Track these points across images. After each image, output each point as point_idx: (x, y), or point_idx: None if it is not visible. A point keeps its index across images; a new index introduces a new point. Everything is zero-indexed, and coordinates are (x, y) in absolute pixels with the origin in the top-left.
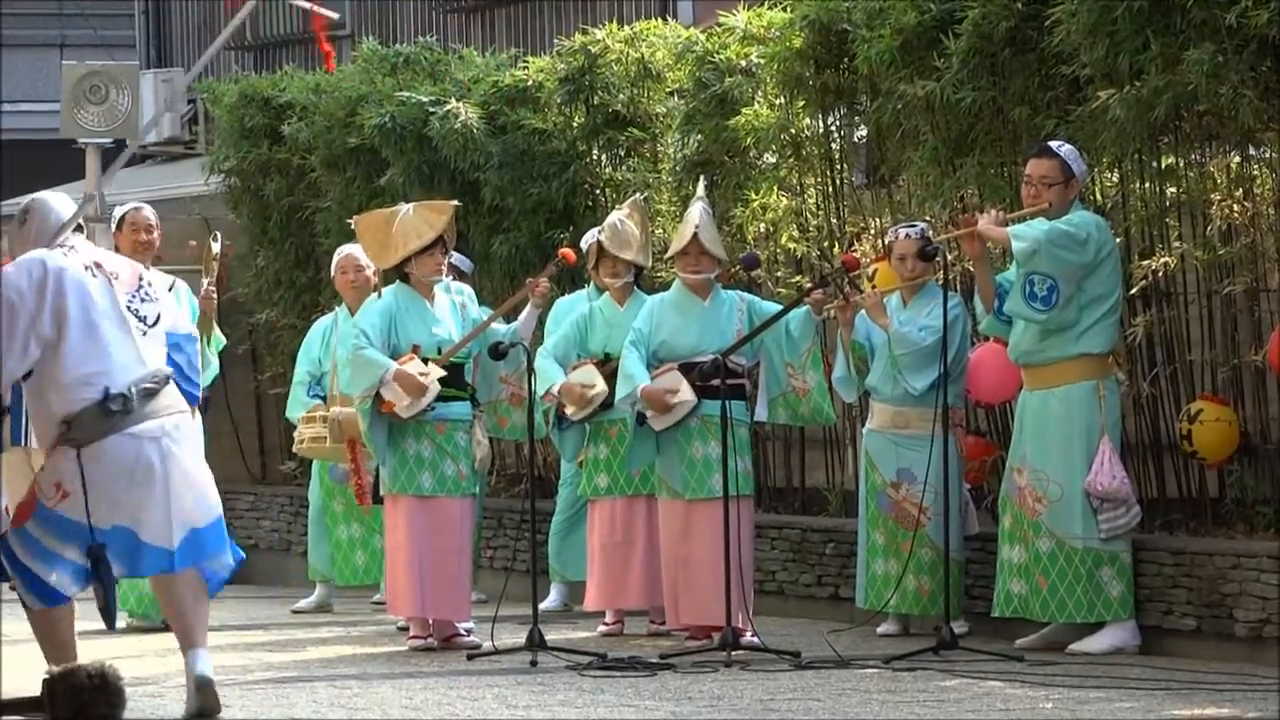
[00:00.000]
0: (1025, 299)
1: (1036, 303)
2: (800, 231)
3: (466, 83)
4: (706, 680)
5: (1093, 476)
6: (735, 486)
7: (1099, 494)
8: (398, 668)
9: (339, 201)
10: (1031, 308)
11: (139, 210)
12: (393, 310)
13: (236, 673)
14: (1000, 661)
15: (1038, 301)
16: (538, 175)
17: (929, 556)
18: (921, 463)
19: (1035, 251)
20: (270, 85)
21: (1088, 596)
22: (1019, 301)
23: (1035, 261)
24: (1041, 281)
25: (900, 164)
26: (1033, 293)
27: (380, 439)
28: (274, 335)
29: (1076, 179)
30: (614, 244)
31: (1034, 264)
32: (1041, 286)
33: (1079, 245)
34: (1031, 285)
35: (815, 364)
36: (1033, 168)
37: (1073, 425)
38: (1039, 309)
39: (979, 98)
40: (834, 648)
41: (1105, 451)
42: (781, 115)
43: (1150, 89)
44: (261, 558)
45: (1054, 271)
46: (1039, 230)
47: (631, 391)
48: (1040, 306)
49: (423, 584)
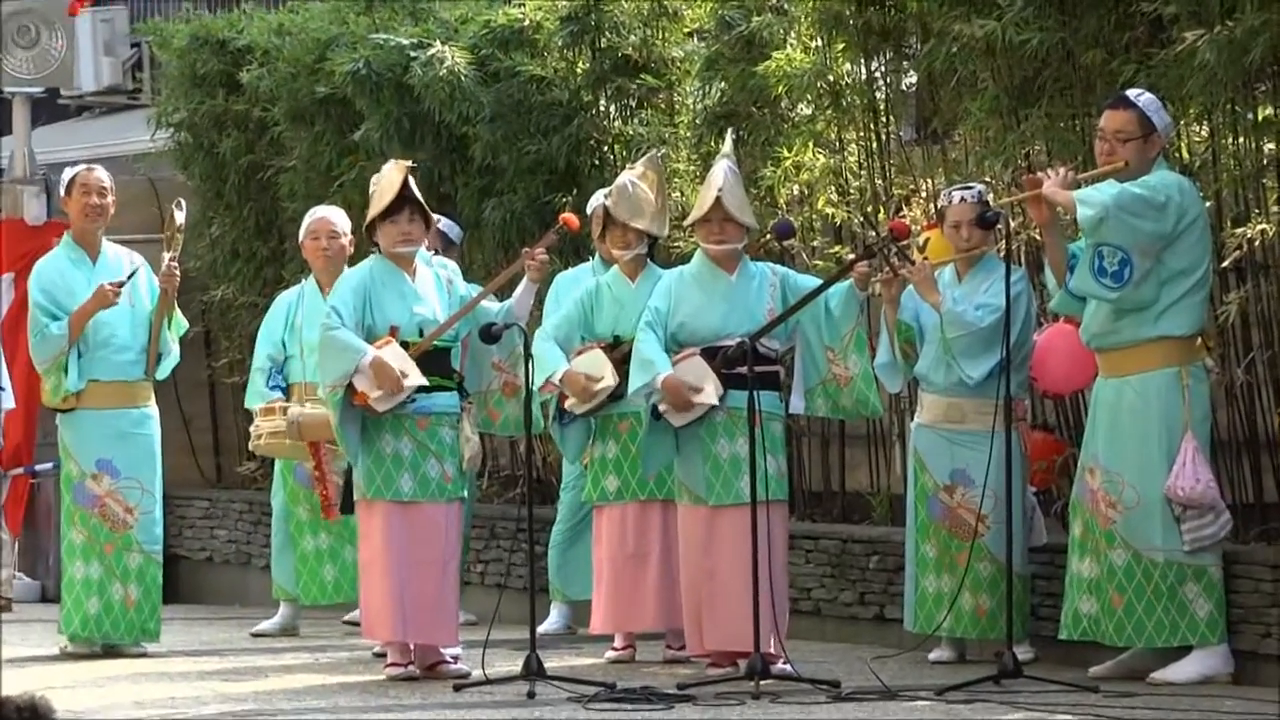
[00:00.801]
0: (1094, 274)
1: (1106, 278)
2: (840, 194)
3: (453, 23)
4: (731, 714)
5: (1173, 479)
6: (766, 490)
7: (1181, 500)
8: (373, 700)
9: (305, 160)
10: (1101, 284)
11: (91, 171)
12: (368, 285)
13: (188, 705)
14: (1071, 693)
15: (1108, 277)
16: (535, 130)
17: (988, 571)
18: (979, 463)
19: (1103, 219)
20: (226, 26)
21: (1170, 617)
22: (1087, 277)
23: (1103, 231)
24: (1112, 254)
25: (955, 116)
26: (1102, 267)
27: (353, 436)
28: (230, 315)
29: (1158, 133)
30: (624, 210)
31: (1102, 234)
32: (1112, 260)
33: (1156, 211)
34: (1100, 258)
35: (859, 347)
36: (1107, 120)
37: (1150, 419)
38: (1109, 285)
39: (1046, 39)
40: (879, 677)
41: (1189, 450)
42: (818, 60)
43: (1245, 29)
44: (217, 573)
45: (1125, 242)
46: (1108, 194)
47: (650, 381)
48: (1111, 283)
49: (402, 603)
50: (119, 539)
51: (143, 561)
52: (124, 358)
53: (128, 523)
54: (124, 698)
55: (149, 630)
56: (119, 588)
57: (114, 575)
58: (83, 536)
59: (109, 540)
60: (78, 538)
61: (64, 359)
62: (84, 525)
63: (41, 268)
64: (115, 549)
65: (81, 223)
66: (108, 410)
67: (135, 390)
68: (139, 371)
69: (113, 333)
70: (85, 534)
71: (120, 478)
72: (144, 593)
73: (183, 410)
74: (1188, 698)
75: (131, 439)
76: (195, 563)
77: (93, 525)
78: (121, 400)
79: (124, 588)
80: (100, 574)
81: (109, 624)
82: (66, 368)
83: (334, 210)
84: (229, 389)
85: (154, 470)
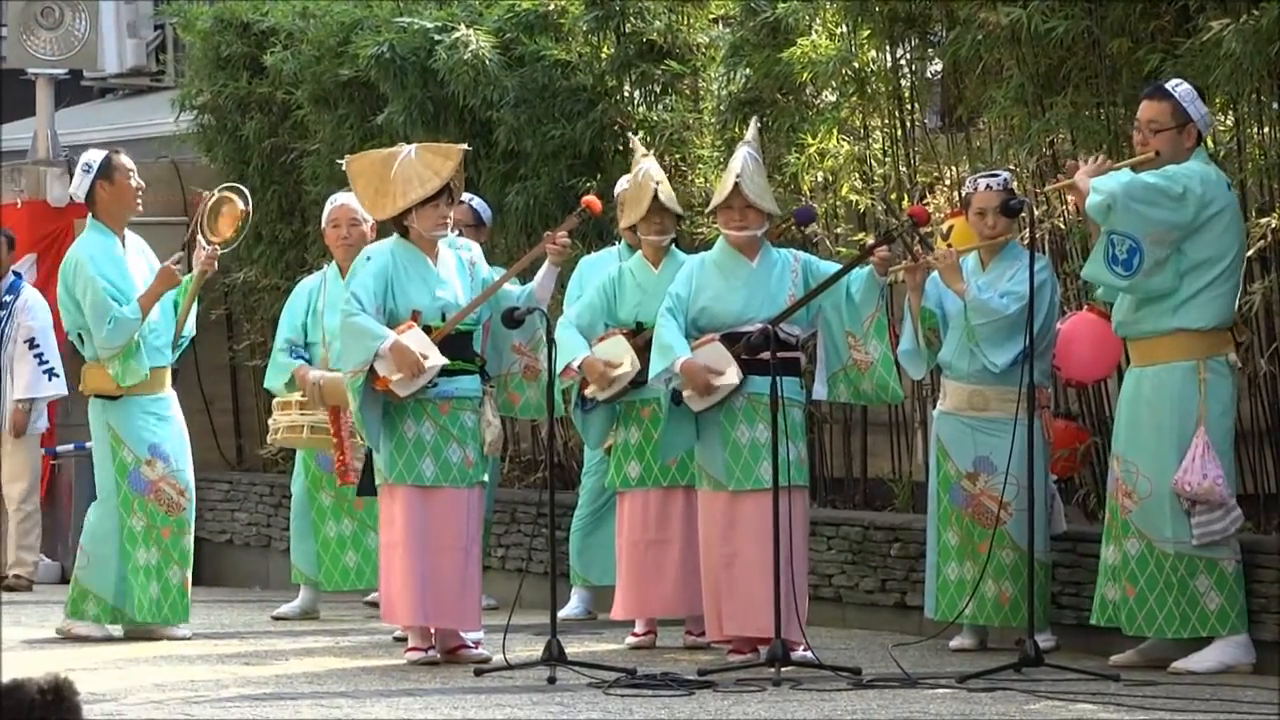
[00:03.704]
0: (1106, 262)
1: (1117, 266)
2: (864, 181)
3: (478, 6)
4: (752, 701)
5: (1181, 474)
6: (787, 476)
7: (1188, 495)
8: (394, 684)
9: (329, 143)
10: (1112, 271)
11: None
12: (389, 270)
13: (208, 688)
14: (1092, 681)
15: (1118, 265)
16: (560, 114)
17: (1010, 559)
18: (1002, 450)
19: (1110, 206)
20: (250, 9)
21: (1180, 609)
22: (1100, 264)
23: (1112, 218)
24: (1121, 242)
25: (980, 104)
26: (1114, 255)
27: (374, 421)
28: (253, 298)
29: (1194, 124)
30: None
31: (1111, 221)
32: (1121, 248)
33: (1172, 201)
34: (1112, 246)
35: (880, 333)
36: (1142, 110)
37: (1164, 412)
38: (1120, 273)
39: (1072, 27)
40: (900, 664)
41: (1199, 446)
42: (843, 46)
43: (1271, 18)
44: (237, 555)
45: (1134, 230)
46: (1118, 182)
47: (669, 365)
48: (1121, 271)
49: (424, 588)
50: (174, 522)
51: (192, 544)
52: (160, 344)
53: (181, 505)
54: (144, 680)
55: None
56: (176, 570)
57: (172, 559)
58: (142, 523)
59: (165, 525)
60: (138, 524)
61: (135, 343)
62: (142, 511)
63: (93, 252)
64: (172, 533)
65: (129, 206)
66: (147, 396)
67: (165, 376)
68: (170, 357)
69: (151, 319)
70: (145, 520)
71: (171, 462)
72: (192, 575)
73: (204, 393)
74: (1208, 687)
75: (169, 422)
76: (216, 545)
77: (150, 510)
78: (157, 386)
79: (181, 571)
80: (158, 559)
81: (168, 607)
82: (134, 352)
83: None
84: (250, 372)
85: (189, 452)
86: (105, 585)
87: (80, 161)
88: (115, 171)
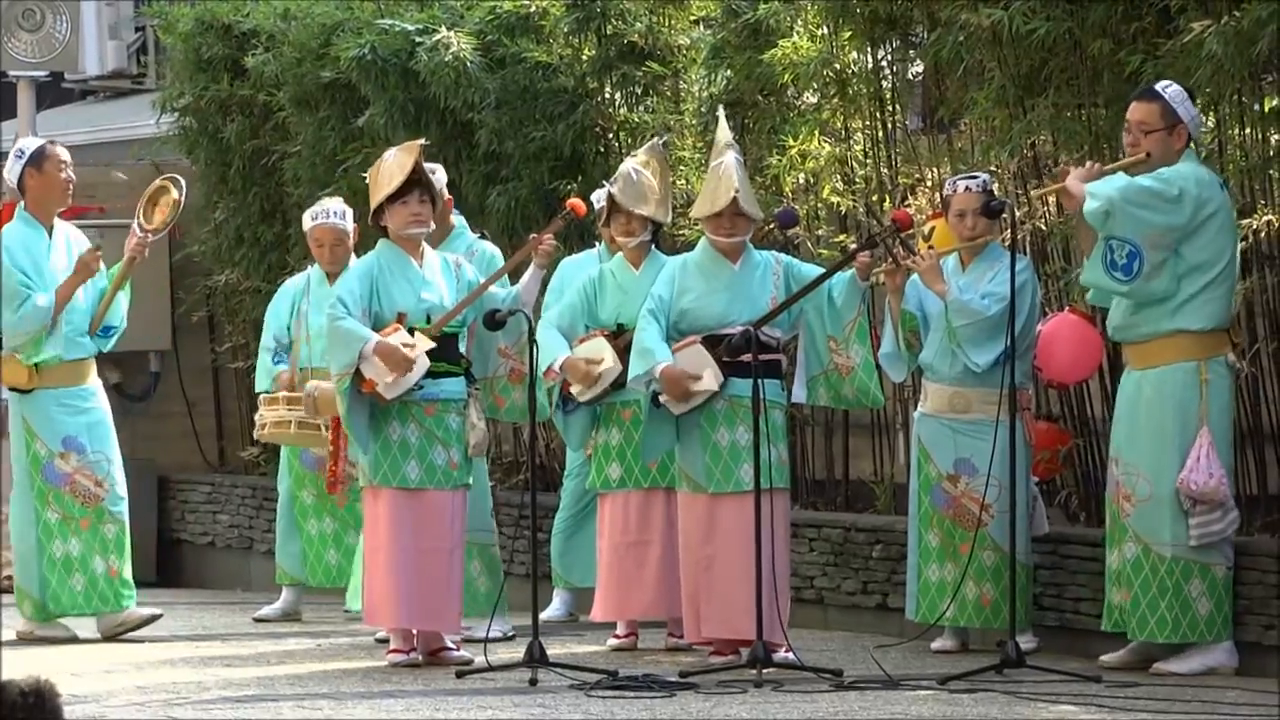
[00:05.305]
0: (1105, 267)
1: (1117, 271)
2: (845, 183)
3: (459, 8)
4: (733, 703)
5: (1187, 473)
6: (768, 478)
7: (1192, 494)
8: (376, 686)
9: (310, 145)
10: (1112, 277)
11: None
12: (374, 273)
13: (190, 690)
14: (1074, 682)
15: (1118, 270)
16: (541, 116)
17: (992, 561)
18: (983, 452)
19: (1109, 212)
20: (231, 10)
21: (1172, 613)
22: (1098, 270)
23: (1111, 224)
24: (1120, 247)
25: (961, 105)
26: (1113, 260)
27: (361, 424)
28: (235, 300)
29: (1184, 125)
30: (628, 197)
31: (1109, 227)
32: (1120, 253)
33: (1168, 204)
34: (1111, 251)
35: (861, 337)
36: (1132, 111)
37: (1165, 413)
38: (1119, 279)
39: (1053, 29)
40: (881, 665)
41: (1203, 445)
42: (824, 48)
43: (1252, 19)
44: (219, 557)
45: (1133, 235)
46: (1115, 187)
47: (648, 370)
48: (1121, 276)
49: (406, 590)
50: (92, 513)
51: (117, 531)
52: (79, 336)
53: (99, 496)
54: (126, 682)
55: (129, 595)
56: (100, 561)
57: (94, 549)
58: (58, 515)
59: (83, 515)
60: (53, 517)
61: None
62: (57, 504)
63: (10, 242)
64: (91, 523)
65: (57, 198)
66: (63, 389)
67: (86, 367)
68: (91, 349)
69: (71, 310)
70: (60, 512)
71: (88, 453)
72: (122, 561)
73: (186, 395)
74: (1191, 688)
75: (89, 414)
76: (198, 547)
77: (65, 502)
78: (76, 378)
79: (105, 560)
80: (80, 550)
81: (97, 597)
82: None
83: (336, 206)
84: (232, 374)
85: (113, 440)
86: (30, 582)
87: (14, 148)
88: (46, 161)
